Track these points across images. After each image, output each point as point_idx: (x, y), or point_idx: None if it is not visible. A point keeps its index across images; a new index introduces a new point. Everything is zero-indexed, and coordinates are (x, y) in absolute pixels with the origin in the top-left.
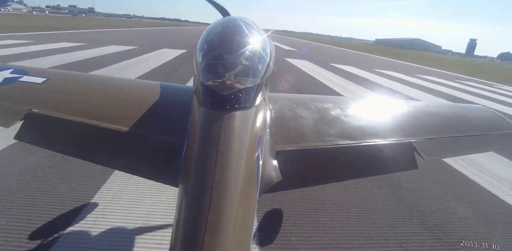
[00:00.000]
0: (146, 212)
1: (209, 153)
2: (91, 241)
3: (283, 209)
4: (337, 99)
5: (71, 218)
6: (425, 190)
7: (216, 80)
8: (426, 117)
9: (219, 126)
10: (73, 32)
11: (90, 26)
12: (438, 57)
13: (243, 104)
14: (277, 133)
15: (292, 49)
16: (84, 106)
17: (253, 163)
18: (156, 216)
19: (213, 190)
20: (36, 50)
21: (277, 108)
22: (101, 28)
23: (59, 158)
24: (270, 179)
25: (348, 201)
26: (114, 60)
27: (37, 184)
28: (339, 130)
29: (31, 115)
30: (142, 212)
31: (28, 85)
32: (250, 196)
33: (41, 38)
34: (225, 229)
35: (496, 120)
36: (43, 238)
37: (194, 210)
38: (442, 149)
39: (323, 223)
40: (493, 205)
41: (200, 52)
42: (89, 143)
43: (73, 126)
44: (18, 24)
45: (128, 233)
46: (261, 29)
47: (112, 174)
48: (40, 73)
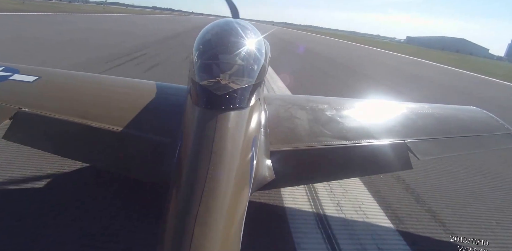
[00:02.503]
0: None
1: (203, 152)
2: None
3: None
4: (331, 100)
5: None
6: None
7: (211, 80)
8: (420, 118)
9: (213, 125)
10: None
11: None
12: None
13: (238, 104)
14: (272, 133)
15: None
16: (75, 105)
17: (247, 162)
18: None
19: (205, 187)
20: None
21: (272, 108)
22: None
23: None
24: (263, 178)
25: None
26: None
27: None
28: (333, 131)
29: (21, 115)
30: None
31: (18, 84)
32: (242, 193)
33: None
34: (214, 223)
35: (489, 121)
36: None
37: (184, 204)
38: (436, 149)
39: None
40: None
41: (196, 52)
42: (80, 143)
43: (64, 125)
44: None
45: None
46: (257, 31)
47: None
48: (31, 71)
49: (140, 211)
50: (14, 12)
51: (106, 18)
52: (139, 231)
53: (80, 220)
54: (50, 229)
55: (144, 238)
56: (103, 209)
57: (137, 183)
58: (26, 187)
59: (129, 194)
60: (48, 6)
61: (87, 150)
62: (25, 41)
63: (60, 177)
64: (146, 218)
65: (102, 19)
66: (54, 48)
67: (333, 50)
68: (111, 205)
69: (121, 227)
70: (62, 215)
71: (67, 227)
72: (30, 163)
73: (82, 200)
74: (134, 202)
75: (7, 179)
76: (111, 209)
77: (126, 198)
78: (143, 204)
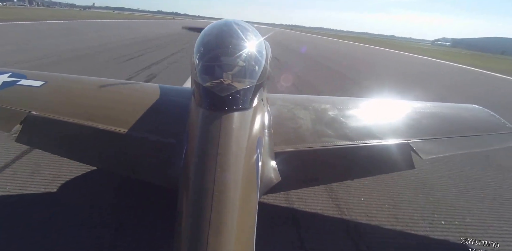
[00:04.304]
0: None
1: (209, 155)
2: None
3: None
4: (334, 100)
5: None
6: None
7: (213, 82)
8: (422, 117)
9: (218, 127)
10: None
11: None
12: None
13: (241, 105)
14: (276, 134)
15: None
16: (83, 109)
17: (253, 164)
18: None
19: (214, 192)
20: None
21: (275, 109)
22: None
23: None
24: (270, 180)
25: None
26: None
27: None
28: (336, 131)
29: (31, 119)
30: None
31: (26, 89)
32: (251, 197)
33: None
34: (228, 232)
35: (491, 120)
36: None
37: (197, 214)
38: (439, 148)
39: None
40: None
41: (197, 54)
42: (88, 145)
43: (73, 128)
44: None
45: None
46: (257, 32)
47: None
48: (38, 76)
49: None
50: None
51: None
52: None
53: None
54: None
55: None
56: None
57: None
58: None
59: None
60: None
61: (95, 152)
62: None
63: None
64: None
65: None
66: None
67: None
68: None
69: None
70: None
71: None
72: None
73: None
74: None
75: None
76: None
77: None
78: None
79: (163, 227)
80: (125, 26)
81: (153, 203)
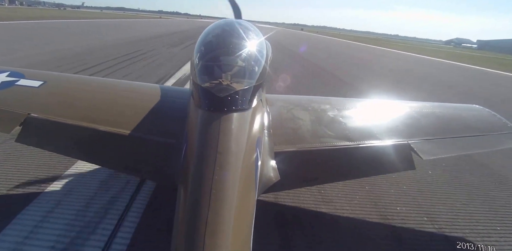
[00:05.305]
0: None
1: (208, 154)
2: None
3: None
4: (334, 101)
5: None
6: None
7: (212, 82)
8: (423, 118)
9: (217, 128)
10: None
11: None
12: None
13: (240, 106)
14: (275, 134)
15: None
16: (82, 109)
17: (252, 163)
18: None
19: (211, 190)
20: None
21: (275, 109)
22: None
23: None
24: (269, 179)
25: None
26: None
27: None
28: (336, 131)
29: (30, 120)
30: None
31: (25, 90)
32: (249, 196)
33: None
34: (225, 232)
35: (492, 120)
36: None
37: (194, 213)
38: (439, 149)
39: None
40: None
41: (197, 54)
42: (89, 146)
43: (73, 129)
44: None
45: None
46: (259, 32)
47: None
48: (36, 76)
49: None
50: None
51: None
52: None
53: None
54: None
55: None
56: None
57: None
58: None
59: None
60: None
61: (96, 152)
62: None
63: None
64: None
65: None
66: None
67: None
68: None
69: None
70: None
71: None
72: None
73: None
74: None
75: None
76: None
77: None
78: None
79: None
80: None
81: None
